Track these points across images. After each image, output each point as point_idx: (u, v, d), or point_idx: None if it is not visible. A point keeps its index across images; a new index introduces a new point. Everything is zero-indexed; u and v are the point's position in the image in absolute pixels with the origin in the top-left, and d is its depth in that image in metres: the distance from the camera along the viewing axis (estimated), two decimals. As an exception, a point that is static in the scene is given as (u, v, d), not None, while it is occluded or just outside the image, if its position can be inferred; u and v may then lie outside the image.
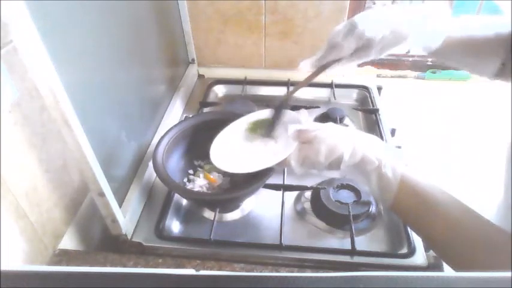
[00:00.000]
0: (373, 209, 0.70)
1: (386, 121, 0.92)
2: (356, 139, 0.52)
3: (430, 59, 1.32)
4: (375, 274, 0.25)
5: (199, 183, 0.72)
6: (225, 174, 0.74)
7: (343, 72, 0.61)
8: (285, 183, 0.73)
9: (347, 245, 0.63)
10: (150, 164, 0.70)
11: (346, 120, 0.93)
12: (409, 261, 0.61)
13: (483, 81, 1.02)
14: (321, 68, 0.60)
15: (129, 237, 0.65)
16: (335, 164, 0.51)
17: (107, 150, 0.61)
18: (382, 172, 0.49)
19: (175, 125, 0.76)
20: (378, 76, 1.28)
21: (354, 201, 0.69)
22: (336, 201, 0.69)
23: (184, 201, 0.75)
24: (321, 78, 0.62)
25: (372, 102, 0.99)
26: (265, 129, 0.62)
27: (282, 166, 0.55)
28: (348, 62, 0.59)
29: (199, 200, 0.71)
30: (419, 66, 1.27)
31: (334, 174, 0.54)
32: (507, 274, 0.24)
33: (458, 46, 0.59)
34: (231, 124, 0.66)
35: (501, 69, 0.58)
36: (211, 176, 0.73)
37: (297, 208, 0.72)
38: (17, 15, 0.39)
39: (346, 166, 0.51)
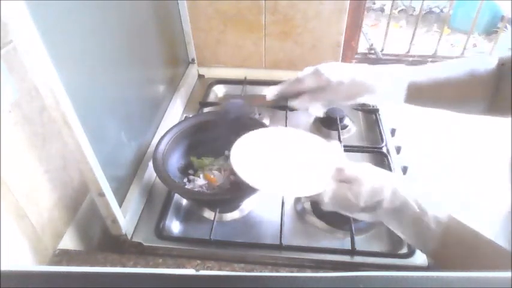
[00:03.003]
0: (373, 209, 0.70)
1: (386, 121, 0.92)
2: (396, 184, 0.50)
3: (430, 59, 1.31)
4: (375, 274, 0.25)
5: (199, 183, 0.72)
6: (225, 174, 0.74)
7: (310, 110, 0.64)
8: (285, 183, 0.73)
9: (347, 245, 0.63)
10: (150, 164, 0.70)
11: (346, 120, 0.93)
12: (409, 261, 0.61)
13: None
14: (282, 98, 0.64)
15: (129, 237, 0.65)
16: (371, 209, 0.50)
17: (107, 150, 0.61)
18: (423, 220, 0.47)
19: (175, 125, 0.76)
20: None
21: (354, 201, 0.69)
22: (336, 201, 0.69)
23: (184, 201, 0.75)
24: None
25: (372, 102, 0.99)
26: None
27: (313, 199, 0.54)
28: (311, 100, 0.62)
29: (199, 200, 0.71)
30: (419, 66, 1.27)
31: (366, 217, 0.52)
32: (507, 274, 0.24)
33: (432, 91, 0.59)
34: (255, 130, 0.66)
35: (491, 106, 0.57)
36: (211, 176, 0.73)
37: (297, 208, 0.72)
38: (17, 15, 0.39)
39: (384, 212, 0.49)
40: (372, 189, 0.50)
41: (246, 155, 0.60)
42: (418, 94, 0.59)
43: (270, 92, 0.64)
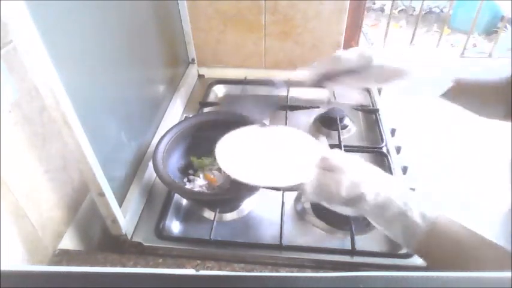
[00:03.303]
0: (373, 209, 0.70)
1: (386, 121, 0.92)
2: (382, 179, 0.50)
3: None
4: (375, 274, 0.25)
5: (199, 183, 0.72)
6: (225, 174, 0.74)
7: (344, 92, 0.61)
8: (285, 183, 0.73)
9: (347, 245, 0.63)
10: (150, 164, 0.70)
11: (346, 120, 0.93)
12: (409, 261, 0.61)
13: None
14: (323, 79, 0.60)
15: (129, 237, 0.65)
16: (354, 201, 0.49)
17: (107, 150, 0.61)
18: (408, 215, 0.46)
19: (175, 125, 0.76)
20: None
21: (354, 201, 0.69)
22: (336, 201, 0.69)
23: (184, 201, 0.75)
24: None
25: (372, 102, 0.99)
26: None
27: (295, 190, 0.53)
28: (348, 80, 0.59)
29: (199, 200, 0.71)
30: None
31: (348, 211, 0.51)
32: (507, 274, 0.24)
33: (465, 90, 0.58)
34: (241, 128, 0.65)
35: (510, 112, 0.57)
36: (211, 176, 0.73)
37: (297, 208, 0.72)
38: (17, 15, 0.39)
39: (367, 206, 0.48)
40: (355, 180, 0.49)
41: (231, 150, 0.60)
42: (459, 92, 0.58)
43: (307, 75, 0.60)
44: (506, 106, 0.56)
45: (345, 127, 0.92)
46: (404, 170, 0.80)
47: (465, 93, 0.59)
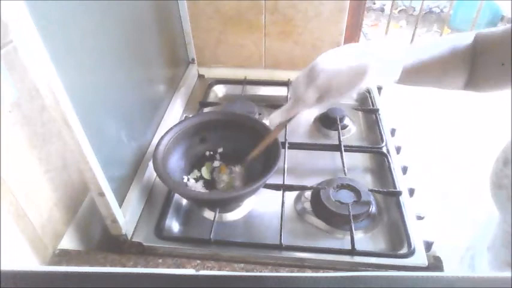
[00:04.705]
0: (373, 209, 0.70)
1: (386, 121, 0.92)
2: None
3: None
4: (375, 274, 0.25)
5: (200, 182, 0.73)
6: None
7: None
8: (285, 183, 0.73)
9: (347, 245, 0.63)
10: (150, 164, 0.70)
11: (346, 120, 0.93)
12: (409, 261, 0.61)
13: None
14: (288, 120, 0.62)
15: (129, 237, 0.65)
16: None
17: (107, 150, 0.61)
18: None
19: (175, 125, 0.76)
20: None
21: (354, 201, 0.69)
22: (336, 201, 0.69)
23: (184, 201, 0.75)
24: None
25: (372, 102, 0.99)
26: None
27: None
28: (312, 108, 0.59)
29: (199, 200, 0.71)
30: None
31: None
32: (507, 274, 0.24)
33: (418, 71, 0.59)
34: None
35: (468, 81, 0.59)
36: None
37: (297, 208, 0.72)
38: (17, 15, 0.39)
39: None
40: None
41: None
42: (407, 75, 0.59)
43: (275, 118, 0.62)
44: (467, 75, 0.59)
45: (345, 127, 0.92)
46: (404, 170, 0.81)
47: (420, 73, 0.60)
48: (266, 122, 0.93)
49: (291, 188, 0.73)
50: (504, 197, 0.55)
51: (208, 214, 0.71)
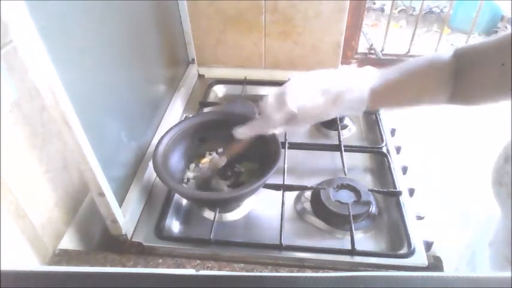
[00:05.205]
0: (373, 209, 0.70)
1: (386, 121, 0.92)
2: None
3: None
4: (375, 274, 0.25)
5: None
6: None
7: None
8: (285, 183, 0.73)
9: (347, 245, 0.63)
10: (150, 164, 0.70)
11: (346, 120, 0.93)
12: (409, 261, 0.61)
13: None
14: (254, 136, 0.64)
15: (129, 237, 0.65)
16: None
17: (107, 150, 0.61)
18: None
19: (175, 125, 0.76)
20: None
21: (354, 201, 0.69)
22: (336, 201, 0.69)
23: (184, 201, 0.75)
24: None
25: (372, 102, 0.99)
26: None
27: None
28: (280, 129, 0.61)
29: (199, 200, 0.71)
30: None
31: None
32: (507, 274, 0.24)
33: (393, 92, 0.59)
34: None
35: (454, 95, 0.57)
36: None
37: (297, 208, 0.72)
38: (17, 15, 0.39)
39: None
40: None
41: None
42: (380, 98, 0.58)
43: (241, 133, 0.63)
44: (450, 90, 0.56)
45: (345, 127, 0.92)
46: (404, 170, 0.81)
47: (395, 94, 0.59)
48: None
49: (291, 188, 0.73)
50: (505, 194, 0.55)
51: (208, 214, 0.71)
